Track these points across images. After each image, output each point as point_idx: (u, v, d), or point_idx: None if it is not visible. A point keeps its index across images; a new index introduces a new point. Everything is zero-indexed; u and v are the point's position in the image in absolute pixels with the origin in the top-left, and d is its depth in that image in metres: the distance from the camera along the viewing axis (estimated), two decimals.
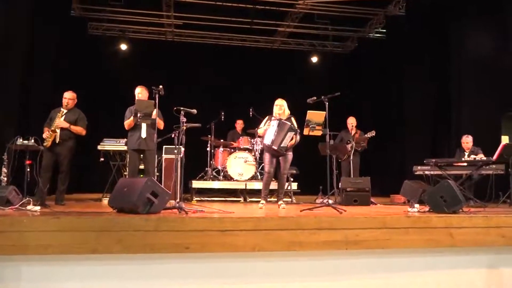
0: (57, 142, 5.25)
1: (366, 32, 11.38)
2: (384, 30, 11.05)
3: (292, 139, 5.10)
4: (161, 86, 4.68)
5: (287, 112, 5.39)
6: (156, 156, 5.68)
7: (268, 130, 5.24)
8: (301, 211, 4.39)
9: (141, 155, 5.48)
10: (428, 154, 8.75)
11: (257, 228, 3.55)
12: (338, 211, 4.16)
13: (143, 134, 5.31)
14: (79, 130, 5.50)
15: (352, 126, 7.22)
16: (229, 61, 10.94)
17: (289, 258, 3.63)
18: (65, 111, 5.42)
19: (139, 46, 11.11)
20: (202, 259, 3.48)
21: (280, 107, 5.31)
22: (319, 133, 4.84)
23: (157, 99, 4.60)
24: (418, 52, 9.45)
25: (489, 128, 7.55)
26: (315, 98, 4.69)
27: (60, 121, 5.31)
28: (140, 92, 5.43)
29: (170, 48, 11.31)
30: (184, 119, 4.36)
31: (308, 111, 4.88)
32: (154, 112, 4.99)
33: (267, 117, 5.51)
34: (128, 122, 5.39)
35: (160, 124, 5.31)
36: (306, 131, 4.88)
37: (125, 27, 11.07)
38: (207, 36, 11.39)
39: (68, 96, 5.50)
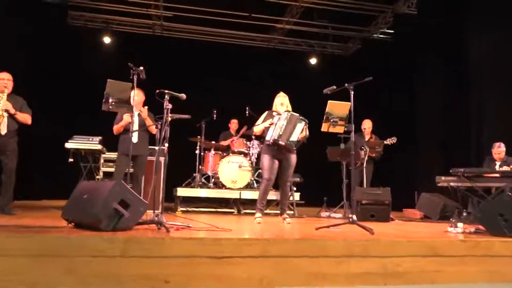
0: (3, 133, 4.27)
1: (371, 32, 10.57)
2: (391, 31, 10.24)
3: (302, 131, 4.32)
4: (141, 68, 3.80)
5: (289, 108, 4.63)
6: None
7: (274, 124, 4.41)
8: (316, 229, 3.42)
9: (131, 160, 4.66)
10: (440, 164, 7.93)
11: (266, 254, 2.58)
12: (368, 231, 3.20)
13: (134, 139, 4.68)
14: (26, 117, 4.58)
15: (368, 130, 6.34)
16: (222, 58, 10.00)
17: None
18: (4, 95, 4.39)
19: (124, 40, 10.11)
20: None
21: (283, 98, 4.62)
22: (341, 129, 3.89)
23: (135, 81, 3.67)
24: (429, 55, 8.66)
25: None
26: (334, 87, 3.74)
27: (6, 103, 4.34)
28: (137, 95, 4.66)
29: (158, 43, 10.35)
30: (170, 106, 3.39)
31: (329, 101, 3.93)
32: (145, 112, 4.55)
33: (266, 112, 4.65)
34: (117, 127, 4.82)
35: (153, 129, 4.72)
36: (325, 127, 3.92)
37: (109, 19, 10.08)
38: (198, 31, 10.46)
39: (7, 77, 4.49)
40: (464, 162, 6.85)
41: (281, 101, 4.60)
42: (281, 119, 4.36)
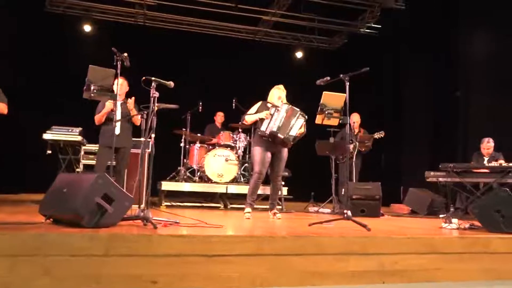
0: None
1: (358, 27, 10.47)
2: (378, 26, 10.17)
3: (301, 127, 4.12)
4: (125, 54, 3.58)
5: (285, 102, 4.44)
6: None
7: (271, 115, 4.20)
8: (309, 225, 3.30)
9: (114, 153, 4.50)
10: (425, 160, 7.95)
11: (259, 252, 2.44)
12: (363, 227, 3.09)
13: (117, 131, 4.43)
14: (2, 107, 4.40)
15: (356, 124, 6.27)
16: (207, 50, 9.76)
17: None
18: None
19: (106, 29, 9.74)
20: None
21: (282, 92, 4.41)
22: (335, 122, 3.76)
23: (119, 68, 3.46)
24: (417, 51, 8.65)
25: (503, 133, 6.70)
26: (328, 78, 3.61)
27: None
28: (121, 83, 4.48)
29: (141, 33, 10.01)
30: (156, 94, 3.19)
31: (324, 92, 3.79)
32: (132, 104, 4.37)
33: (260, 102, 4.46)
34: (98, 117, 4.59)
35: (137, 119, 4.53)
36: (319, 119, 3.78)
37: (90, 6, 9.70)
38: (183, 21, 10.18)
39: None
40: (450, 159, 6.86)
41: (279, 95, 4.40)
42: (280, 111, 4.17)
